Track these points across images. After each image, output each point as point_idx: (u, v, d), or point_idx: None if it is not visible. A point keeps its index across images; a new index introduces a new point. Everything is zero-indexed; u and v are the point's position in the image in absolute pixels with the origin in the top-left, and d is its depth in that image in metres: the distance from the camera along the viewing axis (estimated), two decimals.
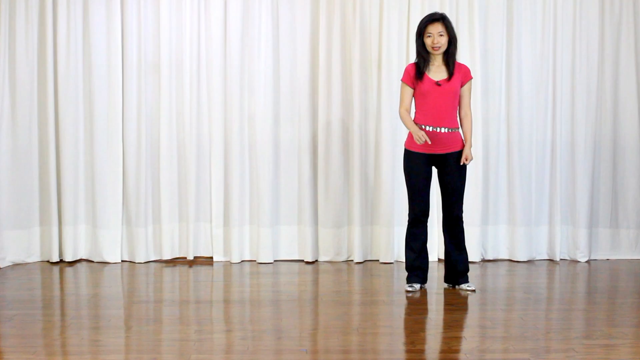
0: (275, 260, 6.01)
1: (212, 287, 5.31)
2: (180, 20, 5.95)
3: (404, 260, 6.15)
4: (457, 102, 4.92)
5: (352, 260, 6.02)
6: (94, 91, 5.91)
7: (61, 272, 5.69)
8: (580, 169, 6.04)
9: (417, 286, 5.03)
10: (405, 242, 5.11)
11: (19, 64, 5.83)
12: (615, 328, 4.18)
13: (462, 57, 5.96)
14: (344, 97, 6.00)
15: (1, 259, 5.77)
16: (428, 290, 5.11)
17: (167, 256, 6.04)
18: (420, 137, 4.73)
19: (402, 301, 4.80)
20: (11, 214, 5.84)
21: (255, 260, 6.00)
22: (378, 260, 6.02)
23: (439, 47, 4.83)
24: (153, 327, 4.23)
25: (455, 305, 4.74)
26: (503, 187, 6.10)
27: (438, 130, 4.83)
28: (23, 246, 5.89)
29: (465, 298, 4.89)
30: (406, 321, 4.32)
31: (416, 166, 4.93)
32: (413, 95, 4.94)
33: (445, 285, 5.15)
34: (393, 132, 5.97)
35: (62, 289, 5.35)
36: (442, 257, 6.04)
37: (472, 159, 4.99)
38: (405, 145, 4.99)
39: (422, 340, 3.94)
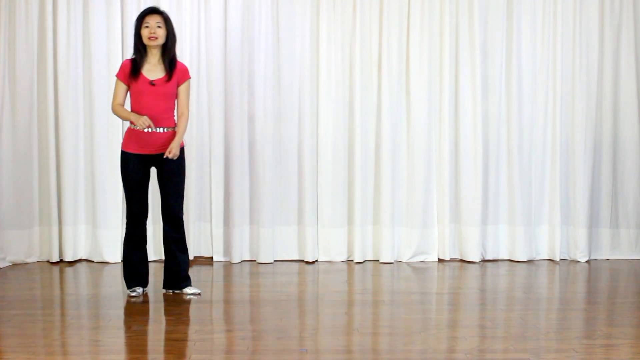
0: (275, 260, 6.01)
1: (212, 287, 5.30)
2: (180, 20, 5.93)
3: (383, 260, 6.15)
4: (174, 101, 4.82)
5: (352, 260, 6.01)
6: (93, 91, 5.91)
7: (61, 272, 5.68)
8: (580, 169, 6.03)
9: (140, 290, 4.86)
10: (124, 244, 4.86)
11: (19, 64, 5.83)
12: (615, 328, 4.18)
13: (462, 57, 5.98)
14: (344, 97, 6.00)
15: (1, 259, 5.77)
16: (426, 291, 5.11)
17: None
18: (144, 121, 4.65)
19: (402, 301, 4.80)
20: (11, 214, 5.84)
21: (255, 260, 5.99)
22: (378, 260, 6.02)
23: (157, 37, 4.71)
24: (153, 327, 4.23)
25: (455, 305, 4.74)
26: (503, 187, 6.10)
27: (153, 130, 4.73)
28: (23, 246, 5.88)
29: (465, 298, 4.89)
30: (406, 321, 4.31)
31: (133, 167, 4.78)
32: (129, 93, 4.81)
33: (164, 291, 4.91)
34: (393, 131, 5.97)
35: (62, 289, 5.35)
36: (442, 256, 6.05)
37: (175, 155, 4.70)
38: (121, 146, 4.80)
39: (422, 340, 3.94)
